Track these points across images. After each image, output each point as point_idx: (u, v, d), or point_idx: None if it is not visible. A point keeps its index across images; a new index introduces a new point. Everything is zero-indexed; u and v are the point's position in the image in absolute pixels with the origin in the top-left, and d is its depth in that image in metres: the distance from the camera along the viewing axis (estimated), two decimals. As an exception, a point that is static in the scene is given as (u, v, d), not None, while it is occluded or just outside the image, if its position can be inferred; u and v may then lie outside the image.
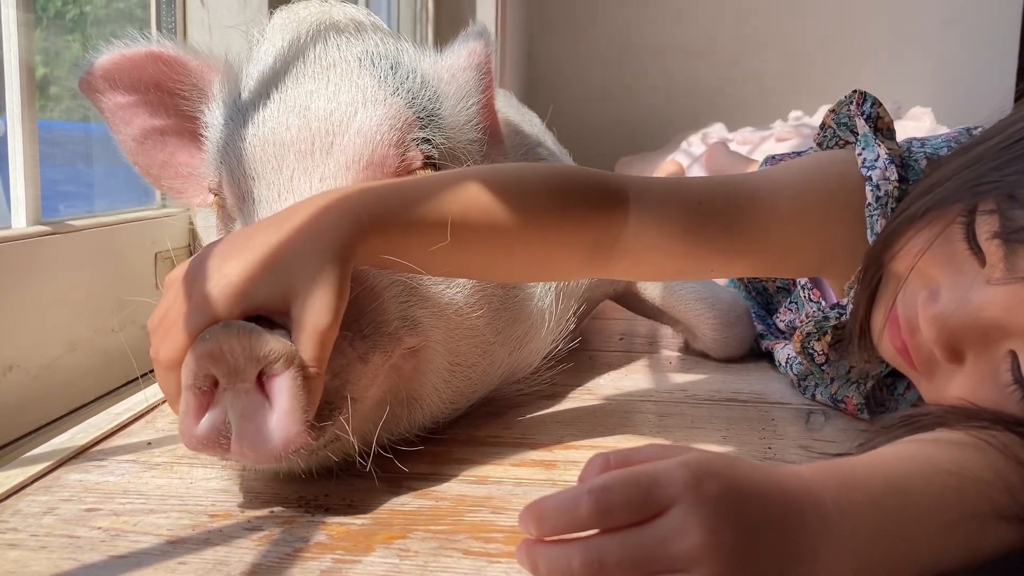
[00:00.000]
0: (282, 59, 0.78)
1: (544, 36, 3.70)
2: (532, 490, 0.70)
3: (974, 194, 0.65)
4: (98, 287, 0.96)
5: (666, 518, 0.46)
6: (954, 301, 0.65)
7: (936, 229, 0.68)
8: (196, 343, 0.58)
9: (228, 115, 0.78)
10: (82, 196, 1.22)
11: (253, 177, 0.74)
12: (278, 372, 0.58)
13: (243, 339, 0.57)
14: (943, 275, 0.68)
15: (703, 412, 0.91)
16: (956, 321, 0.65)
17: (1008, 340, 0.63)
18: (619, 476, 0.48)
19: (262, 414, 0.59)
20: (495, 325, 0.83)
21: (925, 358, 0.71)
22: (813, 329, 0.88)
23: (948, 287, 0.67)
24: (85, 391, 0.92)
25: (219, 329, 0.58)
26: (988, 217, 0.64)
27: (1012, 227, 0.61)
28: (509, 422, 0.87)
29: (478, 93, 0.87)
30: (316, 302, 0.60)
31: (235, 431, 0.59)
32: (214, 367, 0.58)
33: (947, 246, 0.67)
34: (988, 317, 0.63)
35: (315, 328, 0.59)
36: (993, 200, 0.64)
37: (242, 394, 0.59)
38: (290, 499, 0.67)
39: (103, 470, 0.72)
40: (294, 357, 0.58)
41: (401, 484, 0.70)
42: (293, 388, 0.58)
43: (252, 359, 0.57)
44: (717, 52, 3.67)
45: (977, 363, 0.65)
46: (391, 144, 0.75)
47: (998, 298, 0.62)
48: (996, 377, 0.63)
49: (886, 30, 3.59)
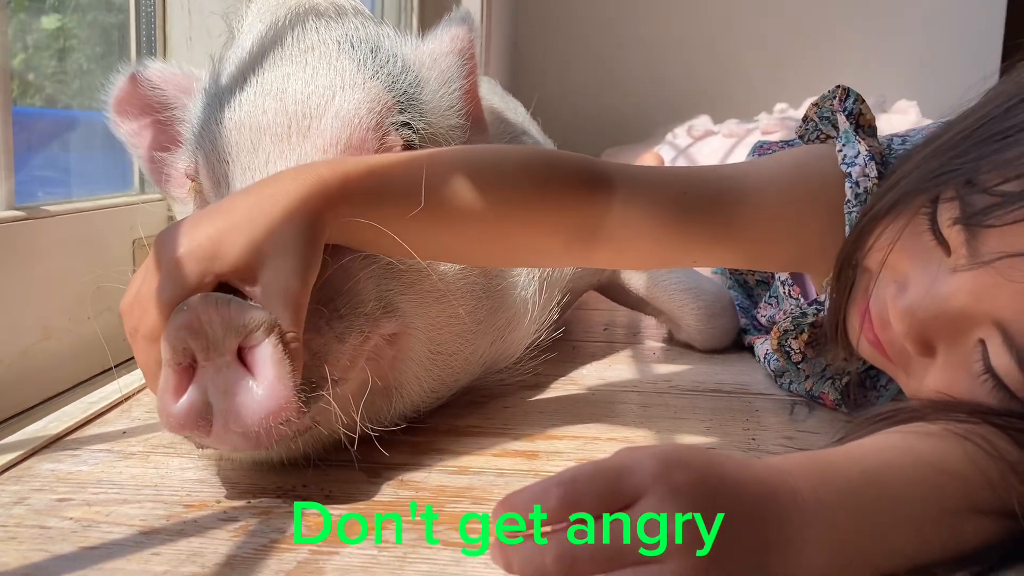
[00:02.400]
0: (260, 43, 0.77)
1: (530, 26, 3.68)
2: (514, 480, 0.69)
3: (936, 184, 0.65)
4: (74, 274, 0.95)
5: (635, 509, 0.46)
6: (922, 293, 0.65)
7: (903, 222, 0.68)
8: (173, 315, 0.57)
9: (206, 101, 0.77)
10: (60, 182, 1.21)
11: (228, 161, 0.73)
12: (258, 341, 0.57)
13: (221, 309, 0.56)
14: (911, 268, 0.68)
15: (686, 403, 0.91)
16: (925, 313, 0.65)
17: (977, 329, 0.62)
18: (587, 468, 0.47)
19: (245, 386, 0.57)
20: (477, 314, 0.82)
21: (899, 352, 0.70)
22: (791, 326, 0.88)
23: (916, 279, 0.67)
24: (60, 379, 0.90)
25: (196, 300, 0.57)
26: (948, 204, 0.64)
27: (971, 211, 0.61)
28: (491, 412, 0.86)
29: (461, 79, 0.86)
30: (283, 266, 0.59)
31: (219, 409, 0.57)
32: (192, 340, 0.56)
33: (914, 238, 0.67)
34: (955, 306, 0.63)
35: (284, 291, 0.59)
36: (952, 188, 0.64)
37: (223, 368, 0.57)
38: (267, 489, 0.66)
39: (76, 459, 0.71)
40: (274, 325, 0.57)
41: (381, 474, 0.69)
42: (277, 355, 0.57)
43: (231, 329, 0.56)
44: (703, 44, 3.67)
45: (949, 354, 0.65)
46: (369, 128, 0.74)
47: (964, 285, 0.62)
48: (968, 367, 0.63)
49: (871, 23, 3.59)
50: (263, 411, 0.57)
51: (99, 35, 1.24)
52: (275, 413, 0.57)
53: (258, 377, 0.57)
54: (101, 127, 0.93)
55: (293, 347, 0.58)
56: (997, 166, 0.61)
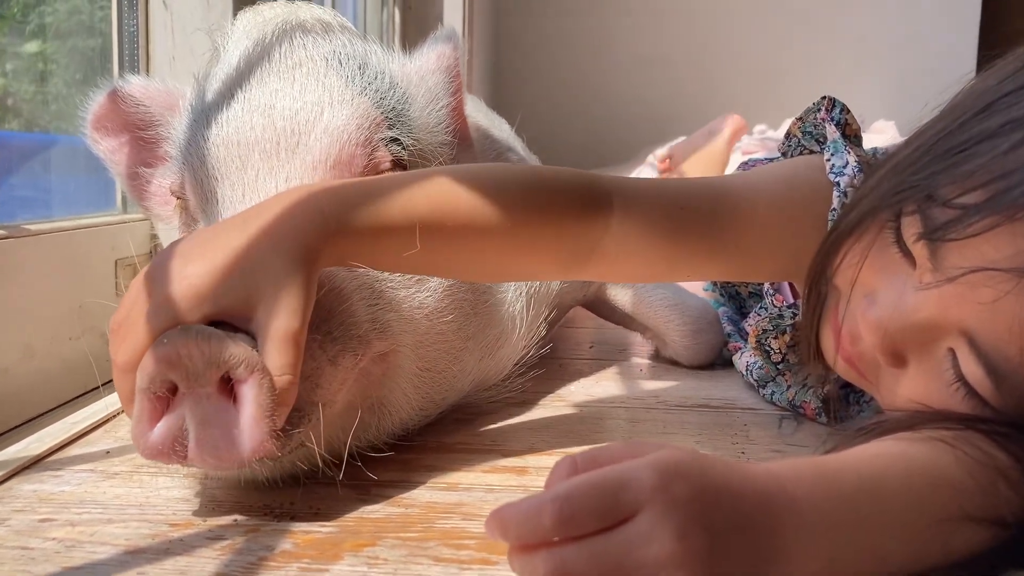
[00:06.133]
0: (247, 60, 0.76)
1: (512, 46, 3.70)
2: (503, 496, 0.68)
3: (897, 200, 0.66)
4: (57, 293, 0.94)
5: (633, 524, 0.45)
6: (890, 305, 0.66)
7: (869, 238, 0.69)
8: (153, 347, 0.56)
9: (192, 117, 0.77)
10: (41, 203, 1.19)
11: (217, 178, 0.72)
12: (242, 378, 0.56)
13: (202, 344, 0.55)
14: (879, 281, 0.68)
15: (675, 418, 0.91)
16: (894, 325, 0.66)
17: (945, 338, 0.63)
18: (583, 482, 0.46)
19: (226, 420, 0.56)
20: (465, 331, 0.81)
21: (870, 365, 0.71)
22: (769, 327, 0.89)
23: (884, 292, 0.67)
24: (42, 400, 0.89)
25: (177, 333, 0.56)
26: (911, 219, 0.64)
27: (932, 226, 0.62)
28: (480, 429, 0.85)
29: (447, 96, 0.86)
30: (282, 307, 0.58)
31: (195, 438, 0.56)
32: (171, 372, 0.56)
33: (881, 252, 0.68)
34: (923, 317, 0.63)
35: (285, 333, 0.57)
36: (914, 202, 0.64)
37: (203, 399, 0.57)
38: (254, 507, 0.65)
39: (59, 480, 0.70)
40: (255, 363, 0.56)
41: (369, 491, 0.68)
42: (259, 395, 0.56)
43: (211, 364, 0.55)
44: (684, 66, 3.70)
45: (920, 364, 0.66)
46: (358, 143, 0.73)
47: (930, 297, 0.62)
48: (940, 376, 0.64)
49: (850, 46, 3.64)
50: (239, 448, 0.56)
51: (79, 60, 1.24)
52: (250, 452, 0.56)
53: (239, 416, 0.56)
54: (83, 149, 0.92)
55: (286, 388, 0.57)
56: (955, 179, 0.62)
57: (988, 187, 0.59)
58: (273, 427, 0.56)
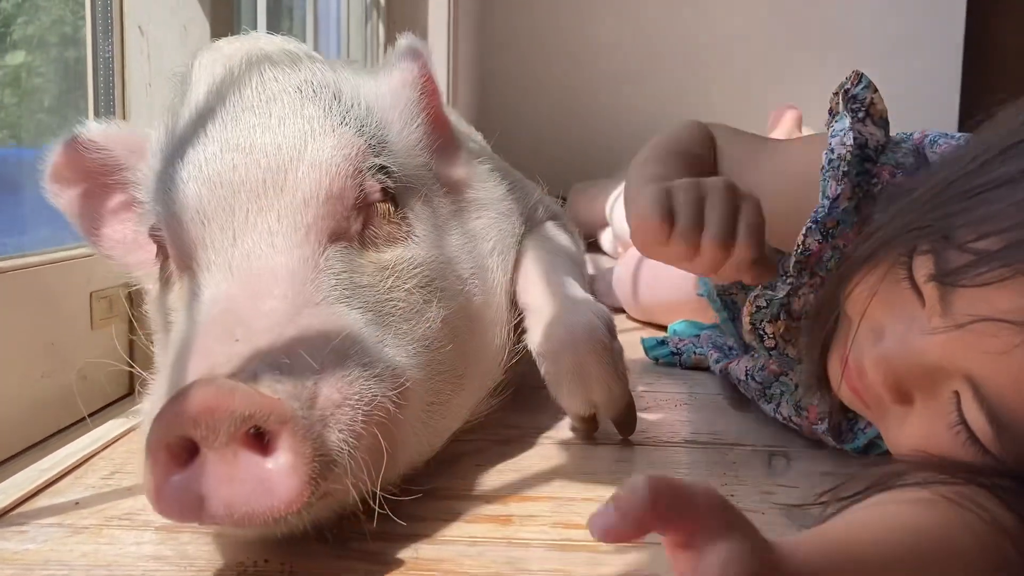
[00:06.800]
0: (218, 97, 0.74)
1: (497, 59, 3.69)
2: (487, 549, 0.66)
3: (912, 237, 0.66)
4: (26, 329, 0.91)
5: None
6: (896, 343, 0.66)
7: (880, 272, 0.68)
8: (170, 400, 0.54)
9: (165, 160, 0.74)
10: (13, 230, 1.17)
11: (202, 222, 0.68)
12: (273, 430, 0.55)
13: (225, 397, 0.54)
14: (887, 316, 0.68)
15: (662, 456, 0.89)
16: (899, 363, 0.65)
17: (951, 380, 0.63)
18: None
19: (255, 474, 0.55)
20: (465, 358, 0.80)
21: (875, 400, 0.70)
22: (764, 303, 0.89)
23: (891, 328, 0.67)
24: (9, 443, 0.86)
25: (197, 386, 0.54)
26: (924, 258, 0.64)
27: (945, 269, 0.61)
28: (463, 471, 0.83)
29: (421, 110, 0.85)
30: None
31: (220, 495, 0.54)
32: (192, 429, 0.54)
33: (891, 286, 0.67)
34: (929, 360, 0.63)
35: None
36: (928, 241, 0.64)
37: (228, 457, 0.55)
38: (228, 566, 0.63)
39: (23, 537, 0.67)
40: (288, 414, 0.54)
41: (345, 545, 0.66)
42: (294, 443, 0.54)
43: (236, 419, 0.54)
44: (669, 78, 3.70)
45: (926, 403, 0.66)
46: (348, 175, 0.71)
47: (938, 342, 0.62)
48: (944, 417, 0.63)
49: (835, 58, 3.64)
50: (275, 501, 0.55)
51: (61, 72, 1.21)
52: (288, 504, 0.55)
53: (273, 464, 0.55)
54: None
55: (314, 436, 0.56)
56: (972, 222, 0.61)
57: (1004, 235, 0.58)
58: (312, 475, 0.55)
